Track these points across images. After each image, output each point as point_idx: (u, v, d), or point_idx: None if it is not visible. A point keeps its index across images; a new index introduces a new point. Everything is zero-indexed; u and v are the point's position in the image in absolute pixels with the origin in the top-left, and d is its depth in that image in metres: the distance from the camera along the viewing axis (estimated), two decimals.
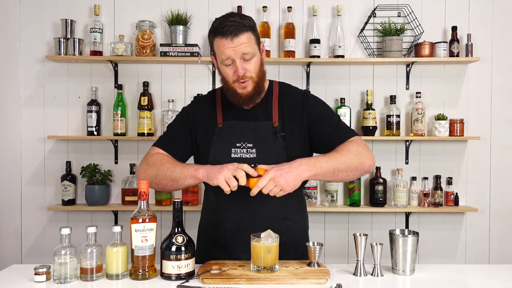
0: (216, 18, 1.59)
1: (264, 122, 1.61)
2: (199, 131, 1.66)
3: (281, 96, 1.66)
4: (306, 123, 1.62)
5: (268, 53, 2.87)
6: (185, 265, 1.38)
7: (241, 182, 1.40)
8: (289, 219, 1.64)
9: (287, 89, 1.70)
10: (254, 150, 1.58)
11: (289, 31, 2.87)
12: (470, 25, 2.98)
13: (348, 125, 2.83)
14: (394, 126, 2.88)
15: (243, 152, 1.58)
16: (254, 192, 1.41)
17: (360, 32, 2.94)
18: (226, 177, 1.41)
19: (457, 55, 2.88)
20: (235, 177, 1.41)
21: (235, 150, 1.58)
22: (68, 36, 2.84)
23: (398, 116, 2.90)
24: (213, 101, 1.70)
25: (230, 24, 1.51)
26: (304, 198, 1.81)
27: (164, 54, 2.82)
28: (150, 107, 2.89)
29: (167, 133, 1.71)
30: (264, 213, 1.59)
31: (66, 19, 2.84)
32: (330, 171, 1.49)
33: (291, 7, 2.89)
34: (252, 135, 1.60)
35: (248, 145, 1.59)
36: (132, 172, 2.91)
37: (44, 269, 1.37)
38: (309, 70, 2.94)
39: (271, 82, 1.70)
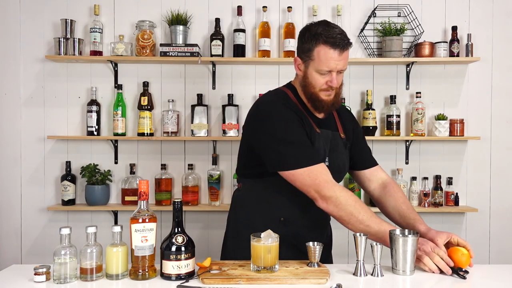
0: (312, 24, 1.58)
1: (336, 132, 1.70)
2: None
3: (337, 110, 1.76)
4: (352, 137, 1.77)
5: (268, 53, 2.87)
6: (185, 265, 1.38)
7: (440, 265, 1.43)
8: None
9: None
10: (327, 158, 1.64)
11: (289, 31, 2.87)
12: (470, 25, 2.98)
13: None
14: (394, 126, 2.88)
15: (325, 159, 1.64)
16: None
17: (360, 32, 2.94)
18: (436, 261, 1.43)
19: (457, 55, 2.88)
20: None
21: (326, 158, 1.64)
22: (68, 36, 2.84)
23: (398, 116, 2.90)
24: (295, 104, 1.65)
25: (340, 37, 1.53)
26: None
27: (164, 54, 2.82)
28: (150, 107, 2.89)
29: (298, 144, 1.54)
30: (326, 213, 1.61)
31: (66, 19, 2.84)
32: None
33: (291, 7, 2.89)
34: (328, 143, 1.65)
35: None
36: (132, 172, 2.91)
37: (44, 269, 1.37)
38: None
39: None
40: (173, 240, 1.39)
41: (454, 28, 2.89)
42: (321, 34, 1.53)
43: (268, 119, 1.57)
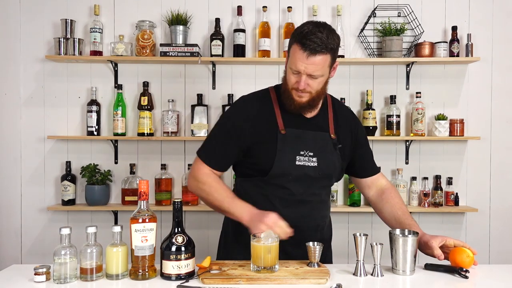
0: (307, 22, 1.57)
1: (323, 133, 1.68)
2: (256, 135, 1.64)
3: (335, 109, 1.74)
4: (353, 143, 1.75)
5: (268, 53, 2.87)
6: (185, 265, 1.38)
7: (281, 236, 1.46)
8: (327, 216, 1.78)
9: (339, 104, 1.80)
10: (315, 159, 1.64)
11: (289, 31, 2.87)
12: (470, 25, 2.98)
13: None
14: (394, 126, 2.88)
15: (305, 160, 1.63)
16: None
17: (360, 32, 2.94)
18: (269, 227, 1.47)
19: (457, 55, 2.88)
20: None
21: (299, 158, 1.62)
22: (68, 36, 2.84)
23: (398, 116, 2.90)
24: (269, 103, 1.68)
25: (314, 40, 1.49)
26: None
27: (164, 54, 2.82)
28: (150, 107, 2.89)
29: (215, 143, 1.69)
30: (315, 212, 1.69)
31: (66, 19, 2.84)
32: None
33: (291, 7, 2.89)
34: (313, 144, 1.64)
35: (309, 153, 1.64)
36: (132, 172, 2.90)
37: (44, 269, 1.37)
38: None
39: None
40: (173, 240, 1.39)
41: (454, 28, 2.89)
42: (300, 33, 1.52)
43: (223, 114, 1.77)
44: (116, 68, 2.95)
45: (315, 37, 1.49)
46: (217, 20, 2.88)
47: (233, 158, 1.69)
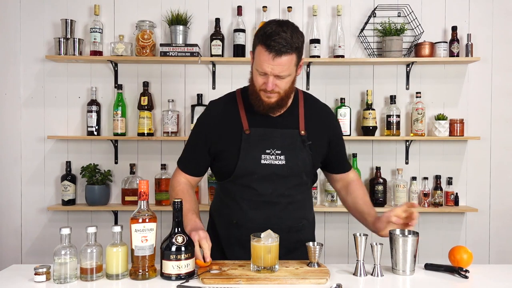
0: (270, 22, 1.55)
1: (291, 130, 1.65)
2: (221, 137, 1.65)
3: (307, 106, 1.71)
4: (328, 139, 1.72)
5: None
6: (185, 265, 1.38)
7: (197, 256, 1.46)
8: (305, 218, 1.72)
9: (313, 101, 1.76)
10: (283, 157, 1.62)
11: None
12: (470, 25, 2.98)
13: (348, 125, 2.87)
14: (394, 126, 2.88)
15: (272, 158, 1.62)
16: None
17: (360, 32, 2.94)
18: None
19: (457, 55, 2.88)
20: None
21: (264, 156, 1.61)
22: (68, 36, 2.84)
23: (398, 116, 2.89)
24: (234, 105, 1.68)
25: (279, 41, 1.47)
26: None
27: (164, 54, 2.82)
28: (150, 107, 2.89)
29: (188, 151, 1.74)
30: (286, 213, 1.66)
31: (66, 19, 2.84)
32: None
33: (291, 7, 2.89)
34: (280, 142, 1.63)
35: (277, 151, 1.62)
36: (132, 172, 2.90)
37: (44, 269, 1.37)
38: (309, 70, 2.94)
39: (296, 90, 1.71)
40: (173, 240, 1.39)
41: (454, 28, 2.89)
42: (264, 34, 1.50)
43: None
44: (116, 68, 2.95)
45: (279, 38, 1.47)
46: (217, 20, 2.88)
47: (206, 163, 1.72)
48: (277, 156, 1.62)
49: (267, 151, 1.62)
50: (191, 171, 1.73)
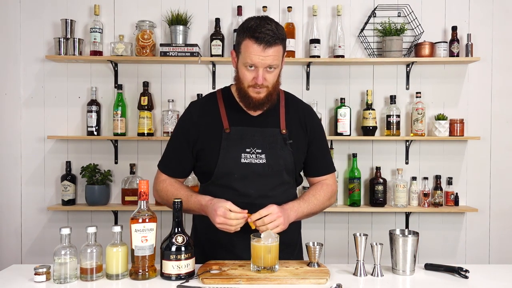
0: (250, 18, 1.57)
1: (272, 129, 1.65)
2: (201, 137, 1.65)
3: (287, 105, 1.71)
4: (308, 138, 1.70)
5: None
6: (185, 265, 1.39)
7: (237, 227, 1.47)
8: None
9: (293, 100, 1.76)
10: (263, 156, 1.61)
11: (289, 31, 2.87)
12: (470, 25, 2.98)
13: (348, 125, 2.87)
14: (394, 126, 2.88)
15: (252, 157, 1.61)
16: (254, 217, 1.47)
17: (360, 32, 2.94)
18: (221, 224, 1.47)
19: (457, 55, 2.88)
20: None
21: (244, 155, 1.61)
22: (68, 36, 2.84)
23: (398, 116, 2.90)
24: (214, 105, 1.69)
25: (267, 32, 1.49)
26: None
27: (164, 54, 2.82)
28: (150, 107, 2.89)
29: (169, 151, 1.73)
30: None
31: (66, 19, 2.84)
32: (307, 215, 1.65)
33: (291, 7, 2.89)
34: (261, 141, 1.63)
35: (257, 150, 1.62)
36: (132, 172, 2.90)
37: (44, 269, 1.37)
38: (309, 70, 2.94)
39: None
40: (173, 240, 1.39)
41: (454, 28, 2.89)
42: (250, 28, 1.52)
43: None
44: (116, 68, 2.95)
45: (266, 29, 1.50)
46: (217, 20, 2.88)
47: (189, 164, 1.70)
48: (257, 155, 1.61)
49: (248, 150, 1.61)
50: (174, 173, 1.71)
